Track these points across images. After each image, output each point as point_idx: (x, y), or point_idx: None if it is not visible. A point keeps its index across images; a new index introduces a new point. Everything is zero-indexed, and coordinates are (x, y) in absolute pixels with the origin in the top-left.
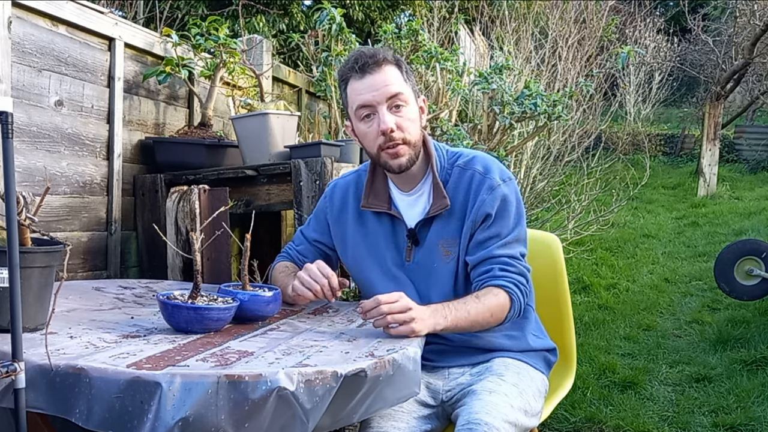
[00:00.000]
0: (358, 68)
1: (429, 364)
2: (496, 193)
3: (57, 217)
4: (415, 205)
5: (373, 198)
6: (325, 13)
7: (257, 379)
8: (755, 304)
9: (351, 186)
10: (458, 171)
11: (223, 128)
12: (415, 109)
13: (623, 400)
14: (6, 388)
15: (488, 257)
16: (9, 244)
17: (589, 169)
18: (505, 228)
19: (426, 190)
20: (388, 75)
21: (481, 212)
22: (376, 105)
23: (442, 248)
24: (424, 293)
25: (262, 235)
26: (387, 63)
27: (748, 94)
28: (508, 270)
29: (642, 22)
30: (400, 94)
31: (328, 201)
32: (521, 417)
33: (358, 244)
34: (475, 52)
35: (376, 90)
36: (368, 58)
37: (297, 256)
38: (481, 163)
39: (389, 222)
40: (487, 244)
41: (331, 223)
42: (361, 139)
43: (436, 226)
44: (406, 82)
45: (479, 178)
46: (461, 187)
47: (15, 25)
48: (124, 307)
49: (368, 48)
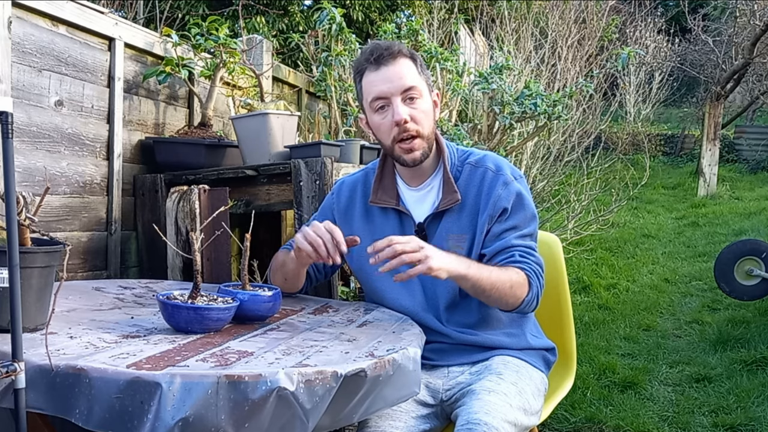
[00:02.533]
0: (373, 60)
1: (428, 363)
2: (511, 188)
3: (57, 217)
4: (424, 200)
5: (382, 193)
6: (325, 13)
7: (257, 379)
8: (755, 304)
9: (359, 183)
10: (469, 168)
11: (223, 128)
12: (428, 102)
13: (623, 400)
14: (6, 388)
15: (507, 246)
16: (9, 244)
17: (588, 169)
18: (522, 221)
19: (435, 186)
20: (403, 67)
21: (498, 207)
22: (391, 97)
23: (452, 243)
24: (430, 289)
25: (262, 235)
26: (402, 56)
27: (748, 94)
28: (527, 256)
29: (642, 22)
30: (415, 87)
31: (336, 197)
32: (521, 416)
33: (365, 240)
34: (475, 52)
35: (391, 82)
36: (383, 50)
37: None
38: (492, 162)
39: (396, 218)
40: (504, 236)
41: (338, 219)
42: (375, 132)
43: (446, 221)
44: (420, 75)
45: (492, 175)
46: (473, 184)
47: (15, 25)
48: (124, 307)
49: (384, 41)
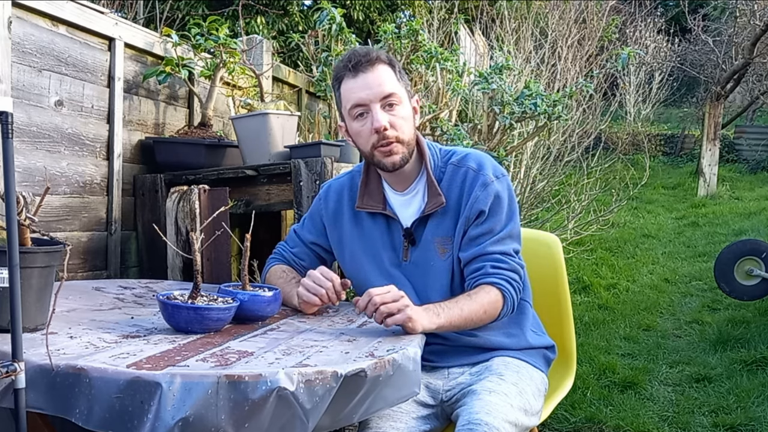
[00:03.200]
0: (351, 67)
1: (428, 364)
2: (489, 189)
3: (57, 217)
4: (410, 204)
5: (368, 198)
6: (325, 13)
7: (257, 379)
8: (755, 304)
9: (345, 187)
10: (452, 168)
11: (223, 128)
12: (408, 108)
13: (623, 400)
14: (6, 388)
15: (481, 254)
16: (9, 244)
17: (588, 169)
18: (498, 224)
19: (420, 189)
20: (381, 74)
21: (474, 209)
22: (370, 104)
23: (438, 246)
24: (422, 291)
25: (262, 235)
26: (380, 62)
27: (748, 94)
28: (500, 267)
29: (642, 22)
30: (394, 94)
31: (323, 203)
32: (521, 416)
33: (355, 245)
34: (475, 52)
35: (369, 89)
36: (361, 57)
37: (293, 259)
38: (474, 160)
39: (384, 222)
40: (480, 241)
41: (327, 225)
42: (355, 139)
43: (431, 225)
44: (399, 81)
45: (473, 175)
46: (455, 185)
47: (15, 25)
48: (124, 307)
49: (361, 47)
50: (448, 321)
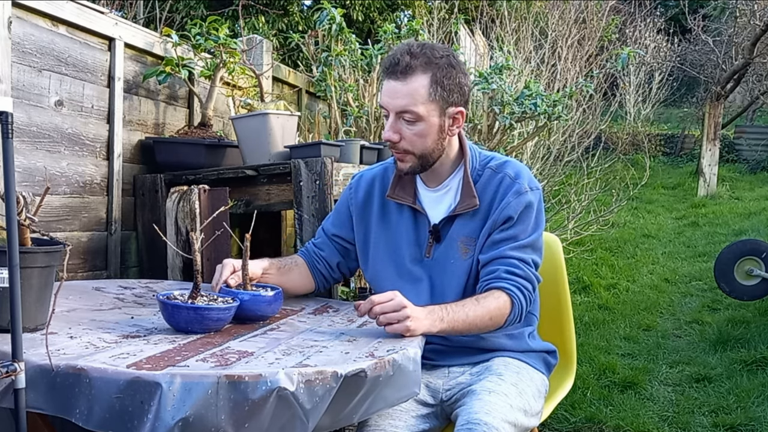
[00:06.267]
0: (388, 68)
1: (429, 363)
2: (522, 198)
3: (57, 217)
4: (441, 201)
5: (400, 189)
6: (325, 13)
7: (257, 380)
8: (755, 304)
9: (377, 178)
10: (489, 173)
11: (223, 128)
12: (429, 125)
13: (623, 400)
14: (6, 388)
15: (499, 257)
16: (9, 244)
17: (589, 169)
18: (523, 233)
19: (453, 187)
20: (410, 87)
21: (503, 214)
22: (389, 110)
23: (462, 246)
24: (438, 288)
25: (262, 235)
26: (417, 73)
27: (748, 94)
28: (514, 273)
29: (642, 22)
30: (411, 112)
31: (353, 192)
32: (521, 417)
33: (379, 238)
34: (475, 52)
35: (390, 98)
36: (399, 61)
37: (313, 250)
38: (512, 168)
39: (411, 216)
40: (501, 245)
41: (355, 214)
42: None
43: (458, 224)
44: (430, 95)
45: (508, 182)
46: (489, 189)
47: (15, 25)
48: (124, 307)
49: (412, 48)
50: (450, 326)
